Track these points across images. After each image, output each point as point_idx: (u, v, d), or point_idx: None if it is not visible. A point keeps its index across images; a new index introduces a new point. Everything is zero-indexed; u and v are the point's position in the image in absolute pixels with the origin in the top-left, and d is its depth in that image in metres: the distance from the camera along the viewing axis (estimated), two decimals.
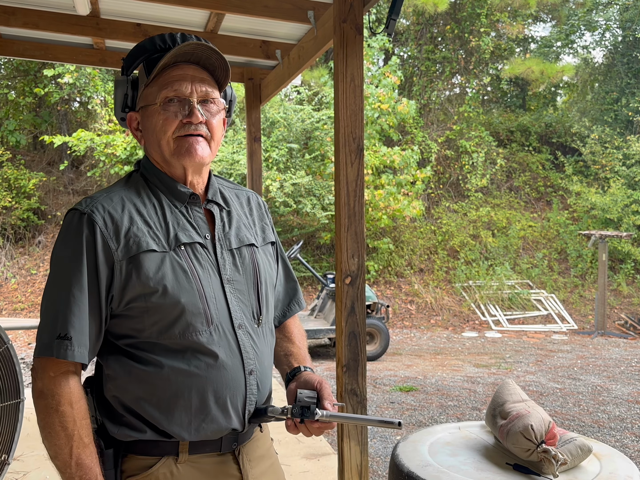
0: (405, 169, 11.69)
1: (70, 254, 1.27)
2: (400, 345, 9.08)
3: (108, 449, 1.32)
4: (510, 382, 1.79)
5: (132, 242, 1.28)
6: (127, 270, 1.27)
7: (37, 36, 5.27)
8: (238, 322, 1.36)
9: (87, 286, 1.26)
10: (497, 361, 7.81)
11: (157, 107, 1.33)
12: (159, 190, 1.39)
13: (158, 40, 1.35)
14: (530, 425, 1.55)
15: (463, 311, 11.11)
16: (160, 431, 1.31)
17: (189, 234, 1.35)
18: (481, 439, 1.78)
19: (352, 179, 3.33)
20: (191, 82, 1.33)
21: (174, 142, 1.34)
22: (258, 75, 6.00)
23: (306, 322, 7.78)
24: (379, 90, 11.26)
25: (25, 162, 12.08)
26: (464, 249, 12.54)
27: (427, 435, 1.82)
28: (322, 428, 1.33)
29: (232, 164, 10.72)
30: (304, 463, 3.99)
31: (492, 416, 1.73)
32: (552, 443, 1.55)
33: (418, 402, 5.79)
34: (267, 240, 1.53)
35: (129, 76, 1.38)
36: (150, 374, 1.29)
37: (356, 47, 3.38)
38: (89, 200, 1.32)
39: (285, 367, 1.52)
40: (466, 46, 14.87)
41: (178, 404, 1.31)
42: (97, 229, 1.27)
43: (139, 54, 1.37)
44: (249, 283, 1.41)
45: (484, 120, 14.99)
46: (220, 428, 1.34)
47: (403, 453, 1.69)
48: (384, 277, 11.82)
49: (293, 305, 1.63)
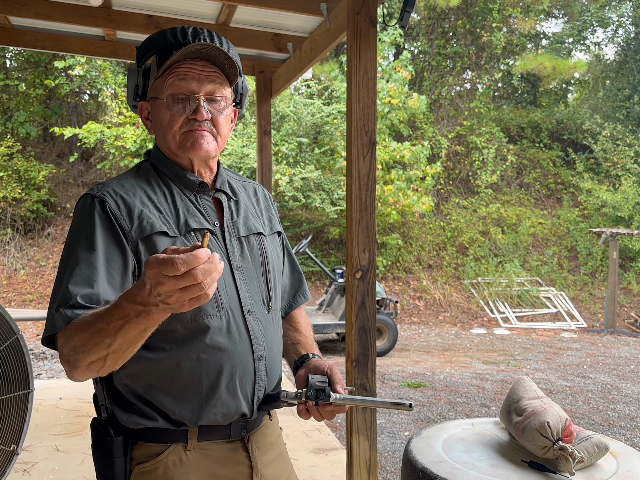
0: (415, 165, 11.64)
1: (83, 235, 1.25)
2: (409, 341, 9.06)
3: (117, 436, 1.32)
4: (526, 378, 1.76)
5: (146, 223, 1.29)
6: (141, 252, 1.27)
7: (49, 27, 5.26)
8: (248, 308, 1.37)
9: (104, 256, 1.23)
10: (505, 358, 7.77)
11: (163, 102, 1.34)
12: (169, 178, 1.40)
13: (169, 35, 1.36)
14: (547, 422, 1.52)
15: (472, 308, 11.07)
16: (170, 419, 1.31)
17: (198, 221, 1.35)
18: (495, 436, 1.75)
19: (364, 172, 3.30)
20: (198, 80, 1.33)
21: (180, 136, 1.35)
22: (269, 69, 5.97)
23: (314, 316, 7.77)
24: (390, 85, 11.20)
25: (35, 154, 12.11)
26: (473, 245, 12.48)
27: (440, 431, 1.80)
28: (335, 411, 1.33)
29: (241, 157, 10.71)
30: (312, 457, 3.98)
31: (507, 413, 1.70)
32: (568, 440, 1.53)
33: (426, 398, 5.76)
34: (274, 230, 1.55)
35: (140, 67, 1.39)
36: (160, 361, 1.29)
37: (370, 39, 3.35)
38: (100, 185, 1.33)
39: (293, 355, 1.52)
40: (478, 41, 14.78)
41: (189, 390, 1.31)
42: (109, 211, 1.27)
43: (150, 47, 1.38)
44: (258, 270, 1.42)
45: (494, 116, 14.91)
46: (230, 412, 1.34)
47: (416, 449, 1.67)
48: (393, 272, 11.78)
49: (299, 296, 1.64)
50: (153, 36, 1.37)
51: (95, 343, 1.08)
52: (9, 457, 3.09)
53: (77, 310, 1.17)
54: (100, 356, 1.10)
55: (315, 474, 3.77)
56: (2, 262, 10.82)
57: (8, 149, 11.43)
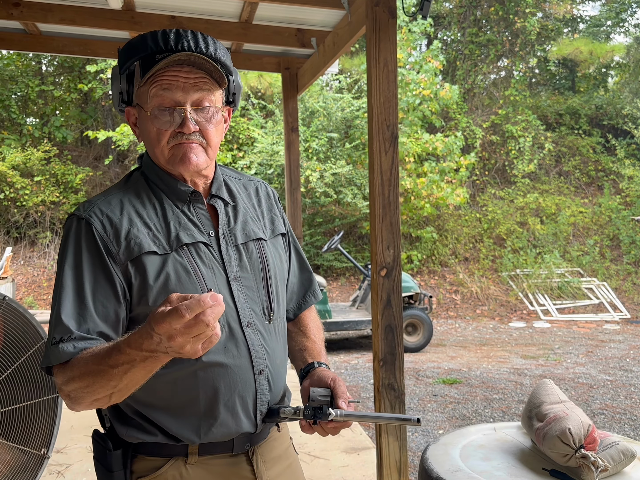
0: (449, 156, 11.45)
1: (71, 262, 1.23)
2: (445, 336, 8.93)
3: (116, 449, 1.29)
4: (548, 381, 1.68)
5: (134, 244, 1.24)
6: (130, 274, 1.24)
7: (75, 32, 5.32)
8: (246, 321, 1.32)
9: (91, 285, 1.22)
10: (545, 352, 7.59)
11: (148, 115, 1.27)
12: (160, 189, 1.34)
13: (150, 40, 1.26)
14: (568, 428, 1.44)
15: (510, 301, 10.86)
16: (170, 435, 1.28)
17: (191, 234, 1.30)
18: (517, 442, 1.67)
19: (387, 167, 3.23)
20: (183, 89, 1.25)
21: (169, 151, 1.28)
22: (295, 65, 5.93)
23: (348, 313, 7.71)
24: (420, 76, 11.03)
25: (72, 158, 12.34)
26: (510, 236, 12.24)
27: (459, 437, 1.73)
28: (338, 428, 1.27)
29: (271, 155, 10.69)
30: (343, 457, 3.93)
31: (528, 418, 1.62)
32: (592, 448, 1.44)
33: (462, 395, 5.66)
34: (276, 232, 1.47)
35: (122, 74, 1.30)
36: (157, 380, 1.25)
37: (389, 31, 3.27)
38: (86, 204, 1.29)
39: (299, 362, 1.47)
40: (511, 28, 14.45)
41: (186, 409, 1.27)
42: (95, 234, 1.24)
43: (132, 54, 1.28)
44: (258, 279, 1.36)
45: (531, 103, 14.57)
46: (230, 432, 1.30)
47: (433, 457, 1.60)
48: (428, 266, 11.64)
49: (308, 296, 1.57)
50: (134, 41, 1.28)
51: (100, 385, 1.10)
52: (39, 460, 3.12)
53: (76, 343, 1.16)
54: (106, 394, 1.12)
55: (346, 474, 3.72)
56: (42, 265, 11.06)
57: (45, 154, 11.66)
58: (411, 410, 5.21)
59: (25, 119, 12.28)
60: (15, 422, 3.02)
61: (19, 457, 3.06)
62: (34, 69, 12.73)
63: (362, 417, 1.28)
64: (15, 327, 2.94)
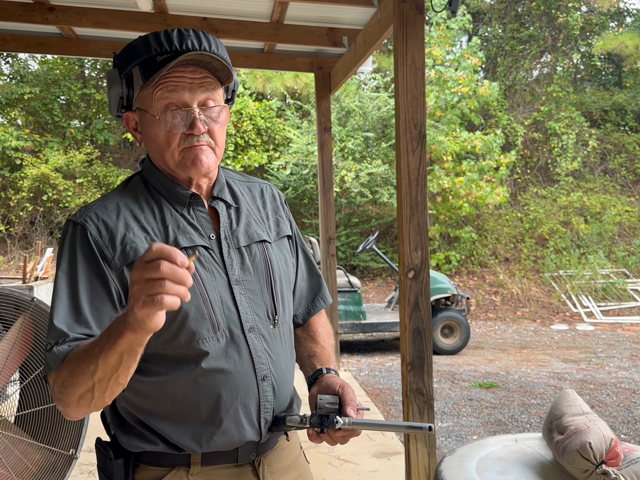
0: (488, 155, 11.24)
1: (66, 267, 1.21)
2: (483, 338, 8.75)
3: (117, 459, 1.27)
4: (570, 391, 1.59)
5: (129, 249, 1.22)
6: (126, 279, 1.21)
7: (111, 35, 5.38)
8: (249, 325, 1.28)
9: (86, 291, 1.20)
10: (587, 356, 7.36)
11: (155, 118, 1.23)
12: (159, 193, 1.32)
13: (153, 41, 1.22)
14: (589, 442, 1.36)
15: (552, 302, 10.59)
16: (171, 444, 1.25)
17: (190, 237, 1.27)
18: (538, 455, 1.59)
19: (414, 167, 3.16)
20: (190, 89, 1.22)
21: (179, 154, 1.25)
22: (327, 64, 5.89)
23: (383, 314, 7.63)
24: (459, 73, 10.85)
25: (113, 160, 12.55)
26: (553, 236, 11.94)
27: (477, 448, 1.65)
28: (347, 437, 1.23)
29: (307, 155, 10.67)
30: (373, 462, 3.87)
31: (548, 430, 1.54)
32: (614, 463, 1.36)
33: (498, 399, 5.52)
34: (281, 234, 1.43)
35: (123, 77, 1.26)
36: (156, 386, 1.24)
37: (417, 27, 3.20)
38: (83, 209, 1.27)
39: (308, 369, 1.42)
40: (553, 23, 14.11)
41: (187, 417, 1.24)
42: (90, 239, 1.22)
43: (134, 56, 1.24)
44: (262, 282, 1.32)
45: (574, 100, 14.19)
46: (233, 440, 1.27)
47: (447, 469, 1.53)
48: (467, 267, 11.44)
49: (318, 301, 1.52)
50: (134, 43, 1.24)
51: (81, 371, 1.06)
52: (68, 461, 3.15)
53: (72, 344, 1.14)
54: (87, 387, 1.07)
55: (375, 479, 3.66)
56: None
57: (87, 156, 11.90)
58: (445, 414, 5.11)
59: (68, 122, 12.55)
60: (45, 422, 3.05)
61: (48, 456, 3.09)
62: (76, 72, 13.00)
63: (371, 425, 1.23)
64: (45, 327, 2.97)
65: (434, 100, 11.08)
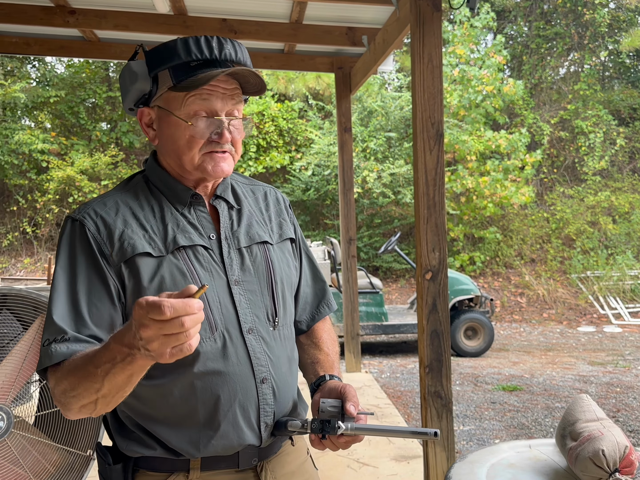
0: (513, 154, 11.09)
1: (65, 263, 1.21)
2: (508, 340, 8.62)
3: (116, 464, 1.26)
4: (585, 397, 1.54)
5: (127, 245, 1.21)
6: (124, 276, 1.20)
7: (132, 38, 5.42)
8: (248, 327, 1.26)
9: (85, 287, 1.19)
10: (614, 358, 7.21)
11: (182, 122, 1.23)
12: (160, 191, 1.31)
13: (194, 47, 1.21)
14: (602, 450, 1.30)
15: (579, 304, 10.41)
16: (169, 448, 1.23)
17: (189, 237, 1.26)
18: (551, 461, 1.54)
19: (432, 166, 3.11)
20: (222, 99, 1.24)
21: (200, 158, 1.25)
22: (347, 64, 5.86)
23: (405, 315, 7.56)
24: (483, 71, 10.73)
25: (138, 162, 12.66)
26: (580, 237, 11.74)
27: (489, 454, 1.60)
28: (349, 442, 1.20)
29: (328, 155, 10.64)
30: (392, 465, 3.82)
31: (561, 437, 1.49)
32: (628, 472, 1.30)
33: (522, 403, 5.42)
34: (284, 237, 1.42)
35: (151, 75, 1.24)
36: (154, 390, 1.22)
37: (434, 25, 3.16)
38: (82, 206, 1.27)
39: (311, 376, 1.39)
40: (580, 20, 13.88)
41: (185, 420, 1.22)
42: (88, 235, 1.21)
43: (171, 57, 1.22)
44: (262, 283, 1.31)
45: (602, 98, 13.94)
46: (232, 444, 1.24)
47: (457, 475, 1.49)
48: (492, 268, 11.30)
49: (322, 307, 1.50)
50: (172, 44, 1.22)
51: (85, 388, 1.06)
52: (85, 462, 3.16)
53: (70, 344, 1.13)
54: (91, 400, 1.07)
55: None
56: None
57: (112, 158, 12.03)
58: (467, 418, 5.03)
59: (93, 124, 12.69)
60: (62, 423, 3.07)
61: (66, 457, 3.11)
62: (102, 75, 13.15)
63: (374, 430, 1.20)
64: None
65: (458, 99, 10.98)
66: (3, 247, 11.66)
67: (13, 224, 11.83)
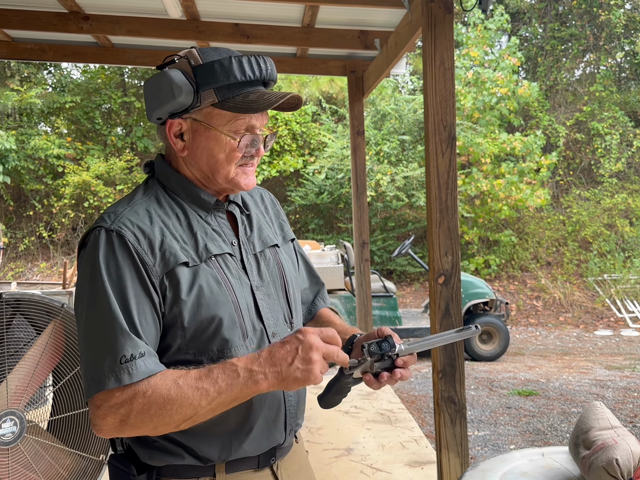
0: (528, 156, 11.00)
1: (109, 277, 1.14)
2: (524, 344, 8.55)
3: (140, 474, 1.24)
4: (599, 404, 1.51)
5: (169, 254, 1.18)
6: (165, 287, 1.17)
7: (146, 43, 5.45)
8: (272, 330, 1.29)
9: (135, 302, 1.15)
10: (632, 363, 7.12)
11: (223, 136, 1.22)
12: (179, 197, 1.29)
13: (248, 69, 1.21)
14: (615, 459, 1.28)
15: (596, 307, 10.30)
16: (197, 455, 1.23)
17: (218, 244, 1.26)
18: (565, 470, 1.51)
19: (444, 170, 3.09)
20: (261, 116, 1.27)
21: (234, 171, 1.27)
22: (360, 67, 5.85)
23: (419, 319, 7.52)
24: (497, 73, 10.67)
25: None
26: (597, 239, 11.63)
27: (501, 463, 1.58)
28: (408, 363, 1.19)
29: (342, 159, 10.63)
30: (406, 471, 3.79)
31: (574, 445, 1.46)
32: None
33: (537, 408, 5.37)
34: (287, 238, 1.46)
35: (196, 90, 1.20)
36: None
37: (445, 27, 3.14)
38: (112, 215, 1.20)
39: None
40: (595, 21, 13.76)
41: (217, 427, 1.22)
42: (129, 246, 1.16)
43: (225, 76, 1.20)
44: (277, 286, 1.34)
45: (618, 99, 13.80)
46: (261, 447, 1.28)
47: None
48: (507, 271, 11.22)
49: (318, 301, 1.55)
50: (226, 63, 1.20)
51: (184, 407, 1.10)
52: (98, 467, 3.16)
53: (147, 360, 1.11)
54: (183, 418, 1.11)
55: None
56: None
57: (127, 163, 12.10)
58: (482, 423, 4.98)
59: (109, 130, 12.79)
60: (75, 427, 3.07)
61: (79, 462, 3.11)
62: (117, 81, 13.24)
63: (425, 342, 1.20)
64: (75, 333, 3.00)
65: (472, 101, 10.92)
66: (19, 252, 11.77)
67: (29, 228, 11.94)
